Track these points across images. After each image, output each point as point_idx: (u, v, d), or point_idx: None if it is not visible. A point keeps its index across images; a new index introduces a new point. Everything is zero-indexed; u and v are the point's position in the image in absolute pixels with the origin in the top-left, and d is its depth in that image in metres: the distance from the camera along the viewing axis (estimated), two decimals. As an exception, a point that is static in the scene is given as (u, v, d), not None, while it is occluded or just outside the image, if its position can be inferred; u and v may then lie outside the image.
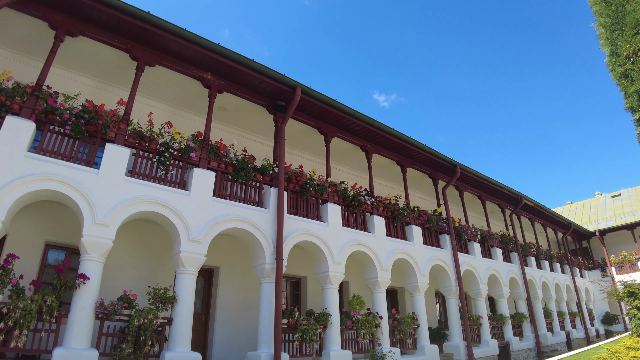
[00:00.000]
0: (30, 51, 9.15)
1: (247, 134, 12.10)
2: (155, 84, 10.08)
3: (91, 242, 6.95)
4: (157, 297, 7.45)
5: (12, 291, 6.41)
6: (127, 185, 7.58)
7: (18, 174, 6.66)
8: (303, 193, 10.24)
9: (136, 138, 8.05)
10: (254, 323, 10.10)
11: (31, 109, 7.17)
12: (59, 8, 7.99)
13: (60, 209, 8.47)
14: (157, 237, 9.72)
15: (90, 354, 6.49)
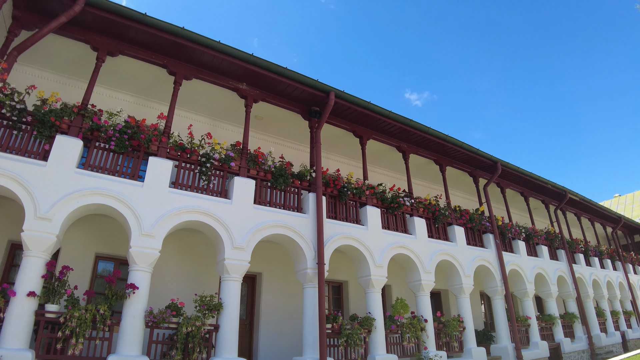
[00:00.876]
0: (73, 73, 9.63)
1: (282, 141, 12.22)
2: (192, 97, 10.36)
3: (139, 252, 7.18)
4: (203, 305, 7.60)
5: (67, 301, 6.72)
6: (171, 196, 7.80)
7: (69, 190, 7.00)
8: (341, 197, 10.22)
9: (178, 150, 8.30)
10: (297, 328, 10.14)
11: (78, 128, 7.54)
12: (100, 30, 8.38)
13: (108, 222, 8.79)
14: (201, 245, 9.93)
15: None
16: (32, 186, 6.80)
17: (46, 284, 6.73)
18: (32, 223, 6.66)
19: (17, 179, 6.76)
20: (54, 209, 6.78)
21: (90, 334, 6.65)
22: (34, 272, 6.55)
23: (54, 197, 6.86)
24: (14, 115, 7.21)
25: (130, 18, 8.11)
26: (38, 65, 9.42)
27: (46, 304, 6.70)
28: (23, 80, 8.52)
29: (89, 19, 8.10)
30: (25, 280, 6.46)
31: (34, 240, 6.60)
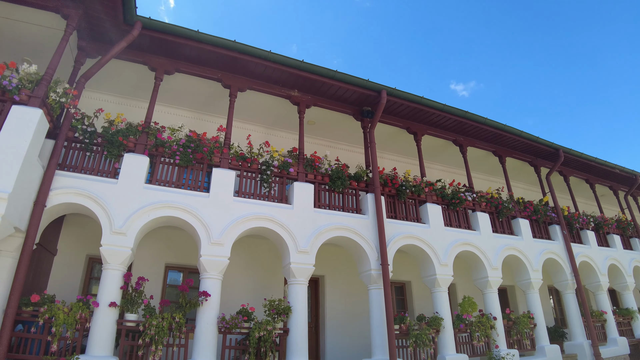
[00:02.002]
0: (134, 94, 10.19)
1: (335, 144, 12.25)
2: (248, 108, 10.63)
3: (209, 260, 7.43)
4: (272, 309, 7.74)
5: (145, 310, 7.07)
6: (235, 204, 8.05)
7: (139, 204, 7.40)
8: (400, 196, 10.09)
9: (239, 160, 8.59)
10: (363, 330, 10.10)
11: (144, 145, 7.95)
12: (157, 51, 8.81)
13: (176, 233, 9.16)
14: (265, 251, 10.15)
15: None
16: (106, 203, 7.24)
17: (124, 294, 7.12)
18: (109, 238, 7.08)
19: (93, 197, 7.23)
20: (127, 224, 7.18)
21: (167, 341, 6.93)
22: (113, 284, 6.96)
23: (127, 212, 7.27)
24: (85, 138, 7.74)
25: (184, 36, 8.46)
26: (102, 90, 10.03)
27: (126, 314, 7.07)
28: (89, 105, 9.06)
29: (146, 41, 8.53)
30: (106, 291, 6.87)
31: (111, 254, 7.01)
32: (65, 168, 7.49)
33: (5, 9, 7.95)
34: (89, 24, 8.20)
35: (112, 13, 7.85)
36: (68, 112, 7.61)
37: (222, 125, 9.03)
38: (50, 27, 8.27)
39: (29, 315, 6.60)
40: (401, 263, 11.26)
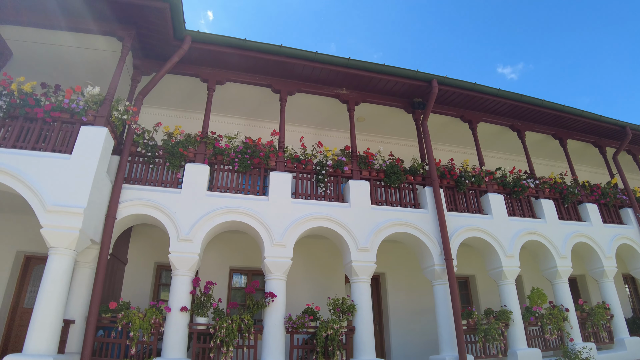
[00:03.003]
0: (188, 106, 10.60)
1: (387, 139, 12.09)
2: (298, 110, 10.73)
3: (273, 262, 7.57)
4: (337, 308, 7.75)
5: (214, 313, 7.28)
6: (294, 206, 8.17)
7: (203, 212, 7.67)
8: (459, 187, 9.80)
9: (294, 162, 8.70)
10: (428, 326, 9.94)
11: (203, 154, 8.25)
12: (207, 63, 9.13)
13: (238, 237, 9.42)
14: (323, 250, 10.19)
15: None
16: (172, 212, 7.56)
17: (194, 298, 7.39)
18: (177, 245, 7.38)
19: (159, 207, 7.59)
20: (193, 231, 7.45)
21: (237, 343, 7.12)
22: (183, 289, 7.25)
23: (192, 220, 7.55)
24: (148, 152, 8.13)
25: (231, 45, 8.69)
26: (157, 104, 10.49)
27: (196, 317, 7.33)
28: (148, 120, 9.49)
29: (196, 54, 8.84)
30: (177, 296, 7.17)
31: (180, 261, 7.31)
32: (131, 181, 7.91)
33: (65, 37, 8.52)
34: (141, 43, 8.59)
35: (162, 30, 8.16)
36: (130, 128, 8.02)
37: (275, 129, 9.20)
38: (107, 50, 8.77)
39: (108, 322, 7.01)
40: (464, 256, 10.94)
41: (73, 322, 6.84)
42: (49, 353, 5.82)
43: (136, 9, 7.70)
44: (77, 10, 7.83)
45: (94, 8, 7.74)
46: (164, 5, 7.60)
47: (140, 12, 7.77)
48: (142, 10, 7.73)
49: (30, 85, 7.34)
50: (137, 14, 7.83)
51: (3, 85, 7.26)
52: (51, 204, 6.33)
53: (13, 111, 7.16)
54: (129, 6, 7.65)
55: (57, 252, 6.27)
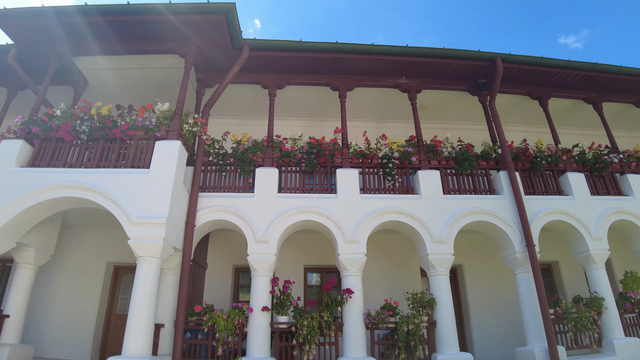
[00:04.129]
0: (250, 113, 10.97)
1: (453, 125, 11.67)
2: (358, 106, 10.67)
3: (347, 259, 7.58)
4: (417, 302, 7.61)
5: (295, 312, 7.42)
6: (363, 202, 8.13)
7: (276, 213, 7.89)
8: (535, 168, 9.24)
9: (359, 158, 8.66)
10: (511, 317, 9.49)
11: (271, 158, 8.47)
12: (266, 69, 9.40)
13: (311, 236, 9.52)
14: (395, 245, 10.04)
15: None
16: (247, 216, 7.82)
17: (273, 298, 7.58)
18: (254, 247, 7.63)
19: (234, 212, 7.89)
20: (268, 232, 7.66)
21: (318, 340, 7.18)
22: (263, 289, 7.46)
23: (266, 222, 7.78)
24: (219, 160, 8.49)
25: (288, 49, 8.86)
26: (222, 114, 10.87)
27: (277, 316, 7.51)
28: (214, 130, 9.83)
29: (254, 62, 9.08)
30: (257, 297, 7.40)
31: (258, 262, 7.55)
32: (206, 190, 8.31)
33: (131, 60, 9.17)
34: (202, 57, 8.96)
35: (221, 42, 8.45)
36: (200, 139, 8.40)
37: (337, 126, 9.21)
38: (170, 67, 9.24)
39: (194, 324, 7.36)
40: (545, 242, 10.32)
41: (163, 325, 7.27)
42: (144, 355, 6.21)
43: (194, 24, 8.04)
44: (140, 33, 8.35)
45: (156, 29, 8.21)
46: (219, 17, 7.87)
47: (198, 27, 8.10)
48: (200, 25, 8.06)
49: (107, 109, 7.90)
50: (195, 29, 8.17)
51: (84, 112, 7.88)
52: (135, 216, 6.76)
53: (94, 134, 7.75)
54: (186, 23, 8.01)
55: (145, 261, 6.68)
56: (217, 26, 8.04)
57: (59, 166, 7.53)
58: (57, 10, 8.10)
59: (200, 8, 7.78)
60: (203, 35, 8.32)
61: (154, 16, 7.92)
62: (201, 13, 7.83)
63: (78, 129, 7.72)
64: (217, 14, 7.83)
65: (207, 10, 7.80)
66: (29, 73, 9.25)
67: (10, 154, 7.59)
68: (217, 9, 7.79)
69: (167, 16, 7.87)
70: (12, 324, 7.72)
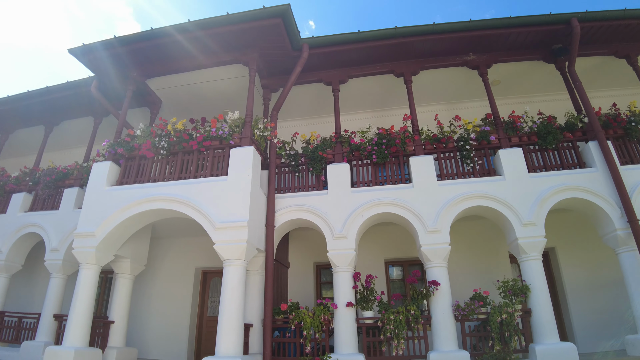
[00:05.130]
0: (315, 111, 11.04)
1: (530, 98, 10.79)
2: (425, 89, 10.26)
3: (430, 250, 7.31)
4: (508, 290, 7.17)
5: (380, 306, 7.30)
6: (441, 189, 7.79)
7: (351, 208, 7.84)
8: (629, 135, 8.24)
9: (433, 143, 8.31)
10: (613, 302, 8.60)
11: (341, 153, 8.44)
12: (327, 65, 9.40)
13: (389, 229, 9.37)
14: (478, 231, 9.51)
15: (462, 355, 6.67)
16: (322, 213, 7.87)
17: (356, 293, 7.52)
18: (333, 243, 7.63)
19: (311, 210, 7.99)
20: (345, 227, 7.64)
21: (406, 334, 7.01)
22: (346, 285, 7.44)
23: (342, 217, 7.76)
24: (291, 161, 8.62)
25: (347, 41, 8.77)
26: (289, 117, 11.12)
27: (362, 311, 7.44)
28: (283, 133, 10.10)
29: (315, 60, 9.11)
30: (341, 293, 7.39)
31: (338, 258, 7.54)
32: (281, 191, 8.49)
33: (198, 76, 9.60)
34: (265, 63, 9.15)
35: (280, 45, 8.56)
36: (271, 143, 8.60)
37: (406, 113, 8.93)
38: (235, 77, 9.55)
39: (282, 323, 7.52)
40: None
41: (252, 325, 7.49)
42: (236, 355, 6.44)
43: (253, 31, 8.23)
44: (204, 48, 8.68)
45: (217, 42, 8.53)
46: (276, 21, 7.97)
47: (257, 33, 8.28)
48: (259, 32, 8.23)
49: (181, 123, 8.34)
50: (255, 36, 8.36)
51: (161, 129, 8.37)
52: (219, 222, 7.04)
53: (173, 148, 8.22)
54: (246, 31, 8.21)
55: (230, 264, 6.94)
56: (275, 30, 8.15)
57: (144, 182, 8.08)
58: (127, 38, 8.76)
59: (257, 14, 7.93)
60: (263, 41, 8.48)
61: (214, 29, 8.23)
62: (258, 19, 7.98)
63: (157, 146, 8.20)
64: (274, 17, 7.93)
65: (263, 16, 7.93)
66: (110, 100, 10.06)
67: (101, 175, 8.30)
68: (273, 13, 7.89)
69: (227, 27, 8.13)
70: (117, 329, 8.50)
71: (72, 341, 7.26)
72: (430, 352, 6.87)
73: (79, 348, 7.18)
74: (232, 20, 8.07)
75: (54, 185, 10.20)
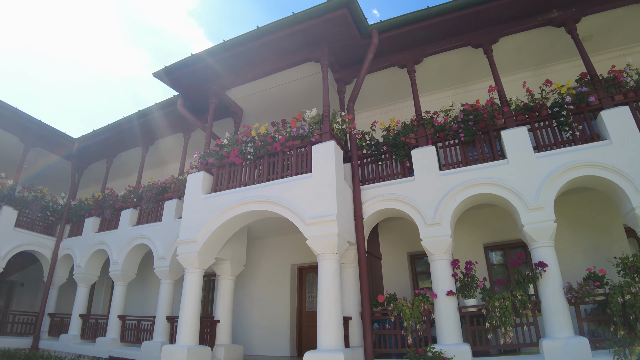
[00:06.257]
0: (391, 97, 10.83)
1: (629, 49, 9.44)
2: (506, 57, 9.43)
3: (533, 229, 6.75)
4: (629, 267, 6.34)
5: (483, 293, 6.87)
6: (539, 161, 7.11)
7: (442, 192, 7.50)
8: None
9: (524, 113, 7.65)
10: None
11: (424, 136, 8.14)
12: (398, 48, 9.11)
13: (484, 211, 8.90)
14: (588, 205, 8.56)
15: (579, 342, 5.97)
16: (412, 200, 7.63)
17: (456, 281, 7.19)
18: (426, 231, 7.37)
19: (399, 199, 7.81)
20: (438, 213, 7.33)
21: (514, 321, 6.52)
22: (444, 273, 7.14)
23: (433, 203, 7.45)
24: (373, 151, 8.49)
25: (417, 19, 8.45)
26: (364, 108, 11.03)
27: (464, 299, 7.09)
28: (360, 125, 9.93)
29: (386, 45, 8.88)
30: (440, 281, 7.11)
31: (433, 245, 7.25)
32: (366, 182, 8.39)
33: (272, 80, 9.88)
34: (335, 56, 9.13)
35: (349, 35, 8.46)
36: (351, 135, 8.55)
37: (490, 85, 8.31)
38: (308, 76, 9.66)
39: (380, 315, 7.42)
40: None
41: (350, 318, 7.50)
42: (338, 348, 6.47)
43: (320, 27, 8.23)
44: (276, 52, 8.93)
45: (288, 44, 8.72)
46: (342, 12, 7.88)
47: (325, 28, 8.27)
48: (326, 26, 8.21)
49: (264, 128, 8.62)
50: (322, 31, 8.36)
51: (246, 135, 8.73)
52: (308, 217, 7.15)
53: (258, 152, 8.52)
54: (313, 28, 8.24)
55: (324, 258, 7.01)
56: (342, 21, 8.07)
57: (235, 187, 8.49)
58: (204, 54, 9.28)
59: (322, 9, 7.93)
60: (331, 35, 8.45)
61: (282, 31, 8.39)
62: (324, 13, 7.96)
63: (244, 151, 8.55)
64: (339, 9, 7.86)
65: (328, 9, 7.90)
66: (195, 115, 10.72)
67: (196, 185, 8.87)
68: (338, 4, 7.82)
69: (294, 27, 8.24)
70: (223, 328, 9.03)
71: (184, 340, 7.85)
72: (543, 339, 6.25)
73: (191, 346, 7.74)
74: (298, 19, 8.16)
75: (155, 199, 11.13)
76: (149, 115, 11.90)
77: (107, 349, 10.22)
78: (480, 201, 7.78)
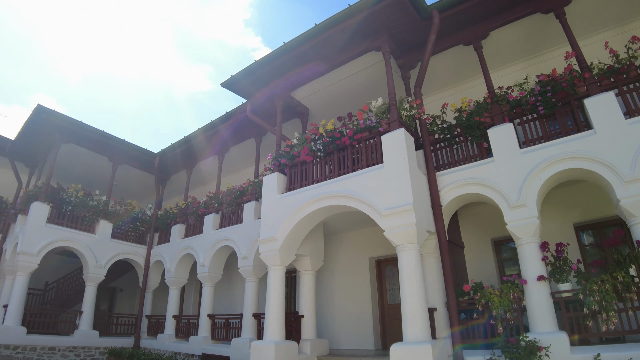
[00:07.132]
0: (458, 78, 10.43)
1: None
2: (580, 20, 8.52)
3: (633, 202, 6.04)
4: None
5: (578, 277, 6.36)
6: (633, 128, 6.34)
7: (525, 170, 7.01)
8: None
9: (610, 76, 6.90)
10: None
11: (500, 114, 7.71)
12: (461, 25, 8.74)
13: (572, 189, 8.26)
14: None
15: None
16: (492, 183, 7.28)
17: (547, 265, 6.73)
18: (510, 214, 6.96)
19: (478, 182, 7.47)
20: (522, 194, 6.88)
21: (616, 306, 5.90)
22: (533, 257, 6.69)
23: (517, 184, 6.99)
24: (445, 135, 8.22)
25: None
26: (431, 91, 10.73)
27: (557, 284, 6.62)
28: (428, 109, 9.70)
29: (447, 24, 8.54)
30: (529, 266, 6.67)
31: (519, 229, 6.83)
32: (441, 168, 8.14)
33: (333, 76, 9.95)
34: (396, 43, 8.96)
35: (408, 18, 8.28)
36: (420, 121, 8.35)
37: (567, 51, 7.59)
38: (370, 66, 9.58)
39: (467, 304, 7.18)
40: None
41: (435, 309, 7.33)
42: (425, 339, 6.37)
43: (378, 14, 8.12)
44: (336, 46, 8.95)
45: (348, 36, 8.69)
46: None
47: (383, 15, 8.14)
48: (384, 13, 8.08)
49: (331, 123, 8.68)
50: (381, 19, 8.23)
51: (314, 133, 8.86)
52: (384, 209, 7.09)
53: (328, 148, 8.61)
54: (371, 16, 8.14)
55: (404, 249, 6.91)
56: (399, 5, 7.89)
57: (308, 184, 8.65)
58: (266, 59, 9.56)
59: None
60: (390, 21, 8.29)
61: (340, 25, 8.40)
62: (380, 0, 7.79)
63: (314, 149, 8.68)
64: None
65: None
66: (264, 119, 11.08)
67: (271, 185, 9.18)
68: (394, -12, 7.63)
69: (352, 19, 8.20)
70: (307, 322, 9.25)
71: (271, 336, 8.13)
72: (651, 324, 5.68)
73: (278, 342, 8.00)
74: (355, 10, 8.09)
75: (234, 203, 11.68)
76: (221, 124, 12.54)
77: (199, 346, 10.92)
78: (566, 177, 7.18)
